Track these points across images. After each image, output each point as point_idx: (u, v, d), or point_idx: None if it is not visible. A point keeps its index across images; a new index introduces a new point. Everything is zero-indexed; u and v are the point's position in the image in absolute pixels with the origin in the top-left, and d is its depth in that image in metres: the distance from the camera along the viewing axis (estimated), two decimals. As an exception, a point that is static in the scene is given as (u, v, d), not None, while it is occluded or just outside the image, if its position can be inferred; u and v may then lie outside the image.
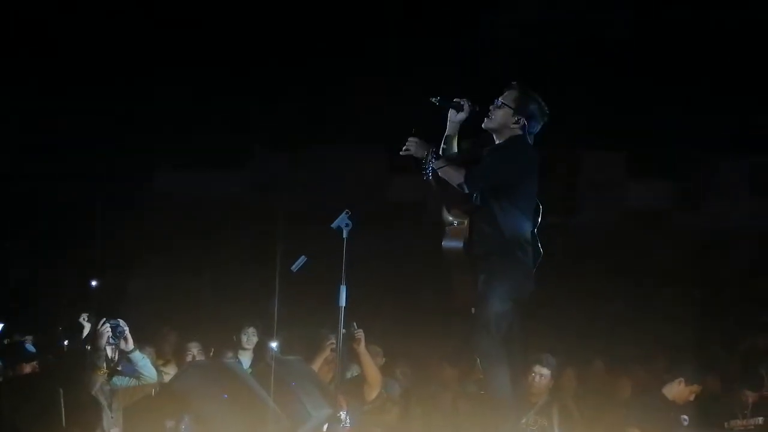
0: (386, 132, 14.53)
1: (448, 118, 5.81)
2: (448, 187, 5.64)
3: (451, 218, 5.72)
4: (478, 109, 5.75)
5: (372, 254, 12.02)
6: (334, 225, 6.24)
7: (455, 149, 5.83)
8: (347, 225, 6.24)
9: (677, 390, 7.53)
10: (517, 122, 5.63)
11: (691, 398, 7.56)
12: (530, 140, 5.71)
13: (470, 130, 5.95)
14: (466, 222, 5.63)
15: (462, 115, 5.74)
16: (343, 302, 6.15)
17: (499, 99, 5.68)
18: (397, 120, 14.36)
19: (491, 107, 5.67)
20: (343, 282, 6.15)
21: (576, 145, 14.61)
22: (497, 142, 5.71)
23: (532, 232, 5.61)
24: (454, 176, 5.55)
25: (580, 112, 14.97)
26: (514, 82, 5.76)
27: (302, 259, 6.41)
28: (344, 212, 6.26)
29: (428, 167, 5.62)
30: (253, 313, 9.18)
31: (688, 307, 11.52)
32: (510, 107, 5.65)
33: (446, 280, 5.83)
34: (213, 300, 12.21)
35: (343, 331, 6.22)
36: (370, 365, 7.22)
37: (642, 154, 14.14)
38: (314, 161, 14.57)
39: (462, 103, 5.72)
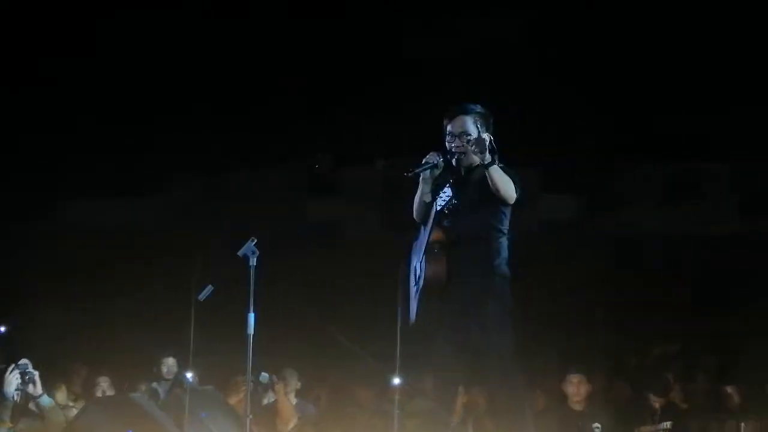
0: (302, 155, 14.66)
1: (421, 180, 5.59)
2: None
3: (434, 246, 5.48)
4: (448, 158, 5.47)
5: (287, 278, 12.01)
6: (240, 253, 6.21)
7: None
8: (254, 252, 6.21)
9: (571, 387, 7.67)
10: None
11: (583, 394, 7.68)
12: None
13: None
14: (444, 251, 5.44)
15: (437, 171, 5.52)
16: (251, 330, 6.13)
17: (470, 134, 5.45)
18: (312, 143, 14.51)
19: (462, 143, 5.43)
20: (251, 309, 6.13)
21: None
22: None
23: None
24: (507, 183, 5.31)
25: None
26: (473, 106, 5.61)
27: (209, 288, 6.38)
28: (250, 240, 6.23)
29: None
30: (174, 342, 9.08)
31: (599, 315, 11.74)
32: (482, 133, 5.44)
33: (380, 303, 5.80)
34: (128, 331, 12.03)
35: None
36: (284, 401, 7.24)
37: (552, 167, 14.36)
38: (228, 186, 14.50)
39: (435, 161, 5.47)
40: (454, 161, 5.51)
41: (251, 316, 6.13)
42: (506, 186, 5.28)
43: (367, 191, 14.60)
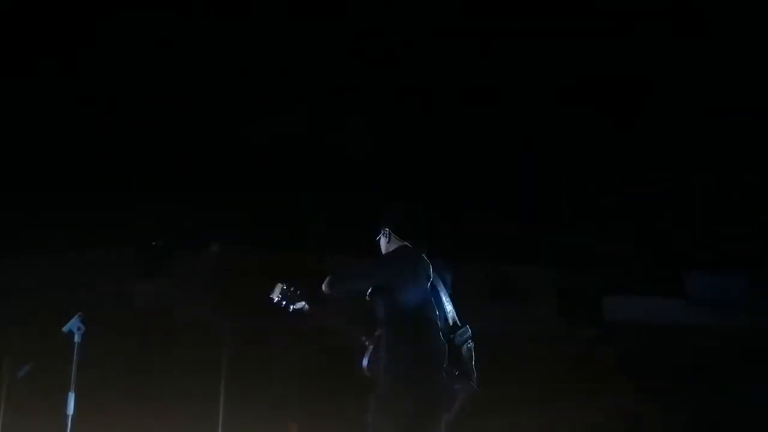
0: (130, 237, 14.40)
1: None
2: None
3: None
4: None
5: (112, 359, 11.63)
6: (65, 329, 6.02)
7: None
8: (79, 329, 6.03)
9: None
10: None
11: None
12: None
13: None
14: None
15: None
16: (71, 410, 5.89)
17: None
18: (142, 224, 14.29)
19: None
20: (72, 389, 5.91)
21: (321, 249, 15.01)
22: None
23: None
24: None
25: (326, 220, 15.51)
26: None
27: (26, 368, 6.14)
28: (76, 315, 6.06)
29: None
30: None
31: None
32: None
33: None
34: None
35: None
36: None
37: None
38: (52, 266, 14.03)
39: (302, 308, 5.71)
40: None
41: (71, 396, 5.90)
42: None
43: (198, 275, 14.41)
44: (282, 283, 5.65)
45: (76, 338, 5.97)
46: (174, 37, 15.00)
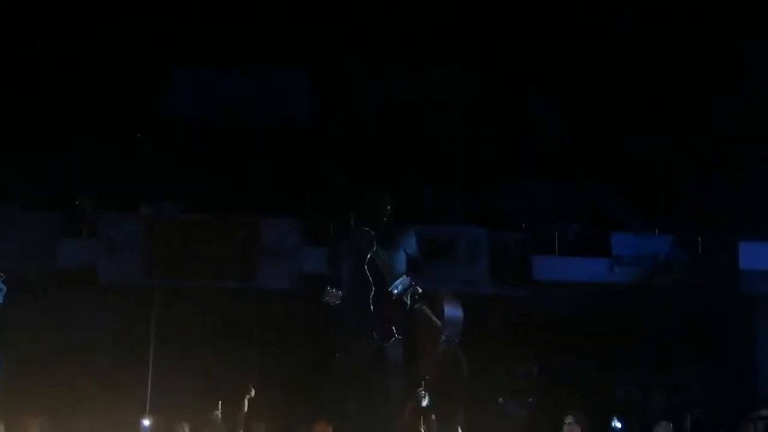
0: (53, 196, 14.19)
1: None
2: None
3: None
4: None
5: (36, 320, 11.48)
6: (-15, 292, 5.91)
7: None
8: (0, 290, 5.93)
9: None
10: None
11: None
12: None
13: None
14: None
15: None
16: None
17: None
18: (65, 185, 14.08)
19: None
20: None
21: (254, 212, 14.95)
22: None
23: None
24: None
25: (259, 182, 15.44)
26: None
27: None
28: (-2, 276, 5.96)
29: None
30: None
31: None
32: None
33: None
34: None
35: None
36: None
37: (317, 222, 14.64)
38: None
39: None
40: None
41: (-7, 357, 5.82)
42: None
43: (128, 237, 14.24)
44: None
45: (-1, 299, 5.87)
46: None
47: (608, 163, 15.74)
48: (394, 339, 5.58)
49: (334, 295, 5.63)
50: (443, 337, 5.45)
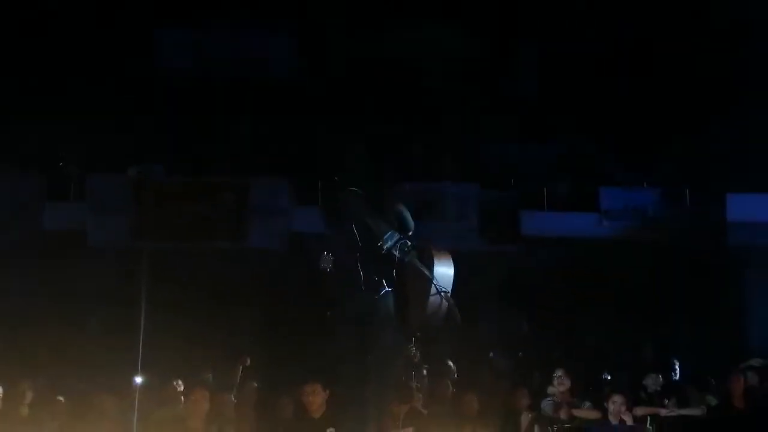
0: (37, 159, 14.11)
1: None
2: None
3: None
4: None
5: (26, 282, 11.46)
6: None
7: None
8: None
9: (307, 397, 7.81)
10: None
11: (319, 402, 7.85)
12: None
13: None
14: None
15: None
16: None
17: None
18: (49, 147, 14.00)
19: None
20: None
21: (243, 172, 14.91)
22: None
23: None
24: None
25: (247, 142, 15.38)
26: None
27: None
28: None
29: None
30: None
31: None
32: None
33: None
34: None
35: None
36: None
37: (304, 181, 14.64)
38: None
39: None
40: None
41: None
42: None
43: (116, 199, 14.20)
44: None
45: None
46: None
47: (595, 116, 15.72)
48: (384, 291, 5.60)
49: (327, 260, 5.64)
50: (434, 288, 5.45)
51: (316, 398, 7.78)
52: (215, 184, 14.78)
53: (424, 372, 9.68)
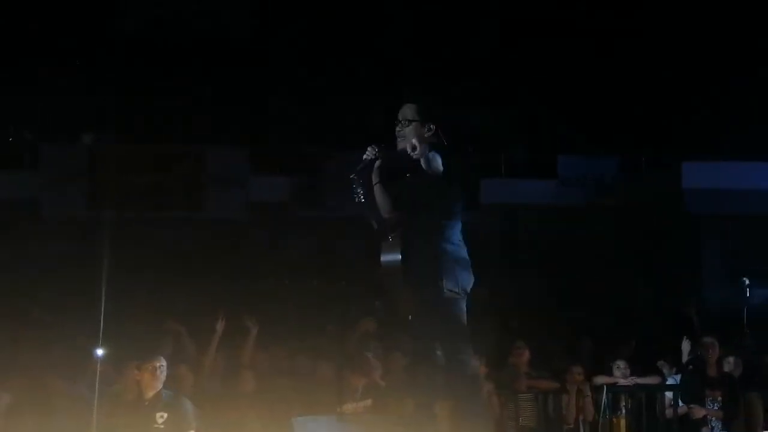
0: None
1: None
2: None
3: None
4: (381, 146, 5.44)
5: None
6: None
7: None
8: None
9: None
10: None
11: None
12: None
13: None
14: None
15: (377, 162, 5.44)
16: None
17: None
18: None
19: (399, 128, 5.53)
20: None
21: (201, 141, 14.72)
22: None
23: None
24: None
25: (208, 111, 15.16)
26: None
27: None
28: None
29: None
30: None
31: (308, 297, 11.96)
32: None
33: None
34: None
35: None
36: None
37: (263, 151, 14.52)
38: None
39: (372, 156, 5.40)
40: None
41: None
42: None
43: (70, 168, 13.95)
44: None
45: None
46: None
47: (552, 84, 15.71)
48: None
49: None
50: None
51: None
52: (172, 153, 14.58)
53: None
